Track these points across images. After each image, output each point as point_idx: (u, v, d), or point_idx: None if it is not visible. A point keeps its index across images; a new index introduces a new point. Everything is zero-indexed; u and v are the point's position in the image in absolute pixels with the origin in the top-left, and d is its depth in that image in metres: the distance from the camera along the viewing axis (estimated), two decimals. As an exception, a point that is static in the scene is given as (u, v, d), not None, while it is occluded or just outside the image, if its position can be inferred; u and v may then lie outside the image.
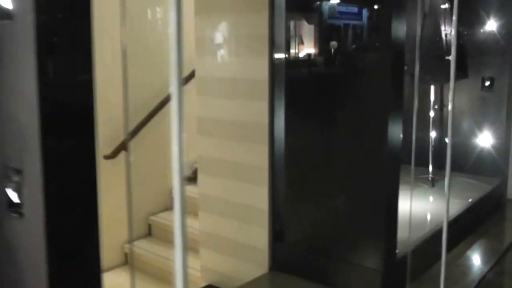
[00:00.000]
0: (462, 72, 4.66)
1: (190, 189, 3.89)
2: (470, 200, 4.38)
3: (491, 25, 4.70)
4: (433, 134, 4.70)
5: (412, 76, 4.36)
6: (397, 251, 3.16)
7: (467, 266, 3.86)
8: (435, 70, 4.39)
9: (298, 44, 3.27)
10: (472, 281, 3.55)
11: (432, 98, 4.62)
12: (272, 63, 3.17)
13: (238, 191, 3.44)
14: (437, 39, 4.35)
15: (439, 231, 3.73)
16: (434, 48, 4.37)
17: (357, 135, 3.03)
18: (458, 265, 3.80)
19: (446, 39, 4.41)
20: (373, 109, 2.95)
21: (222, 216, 3.57)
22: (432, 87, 4.61)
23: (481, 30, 4.71)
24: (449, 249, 4.12)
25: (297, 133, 3.23)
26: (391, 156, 2.94)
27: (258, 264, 3.40)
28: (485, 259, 4.05)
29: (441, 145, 4.92)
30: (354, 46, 3.33)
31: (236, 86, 3.32)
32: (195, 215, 3.72)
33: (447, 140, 3.87)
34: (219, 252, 3.63)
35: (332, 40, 3.24)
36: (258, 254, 3.39)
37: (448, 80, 4.55)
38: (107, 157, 4.04)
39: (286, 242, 3.35)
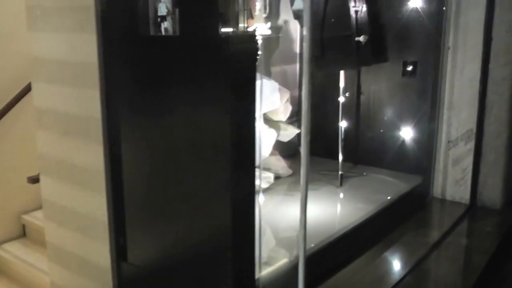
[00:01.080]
0: (380, 55, 4.08)
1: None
2: (388, 198, 3.84)
3: (415, 2, 4.09)
4: (343, 124, 4.12)
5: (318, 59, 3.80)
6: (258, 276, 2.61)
7: (381, 271, 3.33)
8: (343, 52, 3.79)
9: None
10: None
11: (341, 84, 4.02)
12: (105, 40, 2.54)
13: (78, 198, 2.85)
14: (344, 16, 3.74)
15: (328, 246, 3.21)
16: (341, 27, 3.77)
17: (198, 132, 2.44)
18: (371, 270, 3.28)
19: (356, 17, 3.81)
20: (214, 99, 2.35)
21: (65, 227, 2.98)
22: (342, 72, 4.01)
23: (403, 8, 4.10)
24: (362, 252, 3.62)
25: (136, 130, 2.63)
26: (240, 155, 2.35)
27: (103, 284, 2.83)
28: (402, 262, 3.52)
29: (358, 137, 4.35)
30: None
31: (64, 70, 2.71)
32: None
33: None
34: (66, 268, 3.06)
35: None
36: (102, 273, 2.81)
37: (361, 64, 3.99)
38: None
39: (131, 261, 2.77)
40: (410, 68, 4.16)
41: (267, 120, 3.98)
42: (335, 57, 3.83)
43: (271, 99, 3.76)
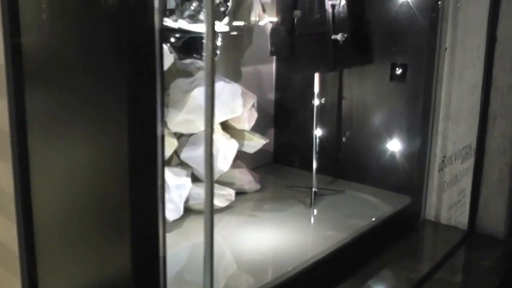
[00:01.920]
0: (363, 56, 3.51)
1: None
2: (373, 220, 3.29)
3: (406, -5, 3.51)
4: (319, 132, 3.57)
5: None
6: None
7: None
8: (317, 53, 3.24)
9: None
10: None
11: (316, 88, 3.47)
12: (14, 41, 2.06)
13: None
14: (318, 11, 3.19)
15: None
16: (314, 23, 3.21)
17: (95, 150, 1.94)
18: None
19: (333, 12, 3.25)
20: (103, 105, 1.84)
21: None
22: (317, 76, 3.45)
23: (392, 1, 3.52)
24: (335, 284, 3.09)
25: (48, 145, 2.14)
26: (140, 180, 1.84)
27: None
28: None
29: (339, 148, 3.80)
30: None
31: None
32: None
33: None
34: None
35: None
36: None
37: (338, 66, 3.42)
38: None
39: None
40: (399, 71, 3.58)
41: (230, 128, 3.45)
42: (308, 58, 3.28)
43: (231, 106, 3.23)
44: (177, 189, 3.10)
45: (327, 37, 3.23)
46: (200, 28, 2.92)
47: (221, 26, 3.06)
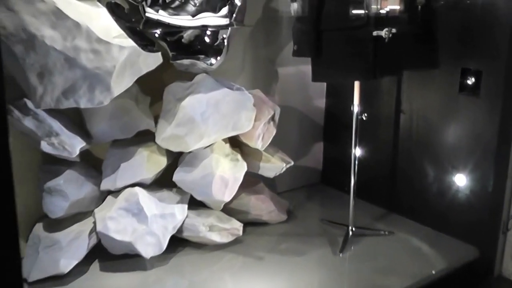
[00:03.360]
0: (426, 57, 2.69)
1: None
2: (429, 275, 2.51)
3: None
4: (359, 152, 2.79)
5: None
6: None
7: None
8: (351, 55, 2.47)
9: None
10: None
11: (356, 100, 2.68)
12: None
13: None
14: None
15: None
16: (347, 14, 2.44)
17: None
18: None
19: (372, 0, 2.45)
20: None
21: None
22: (357, 84, 2.67)
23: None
24: None
25: None
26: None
27: None
28: None
29: (394, 174, 3.00)
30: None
31: None
32: None
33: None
34: None
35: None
36: None
37: (382, 73, 2.59)
38: None
39: None
40: (471, 80, 2.69)
41: (245, 145, 2.78)
42: (338, 62, 2.52)
43: (235, 119, 2.57)
44: (161, 219, 2.51)
45: (366, 34, 2.44)
46: (182, 21, 2.28)
47: (214, 18, 2.38)
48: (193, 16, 2.31)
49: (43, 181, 2.40)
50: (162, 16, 2.26)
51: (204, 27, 2.38)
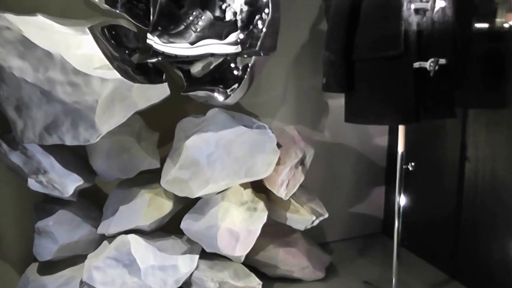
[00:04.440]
0: (491, 94, 2.16)
1: None
2: None
3: None
4: (403, 200, 2.30)
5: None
6: None
7: None
8: (387, 92, 2.01)
9: None
10: None
11: (400, 147, 2.19)
12: None
13: None
14: (389, 19, 1.95)
15: None
16: (380, 41, 1.98)
17: None
18: None
19: (420, 23, 1.96)
20: None
21: None
22: (402, 128, 2.17)
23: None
24: None
25: None
26: None
27: None
28: None
29: (458, 233, 2.48)
30: None
31: None
32: None
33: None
34: None
35: None
36: None
37: (425, 116, 2.06)
38: None
39: None
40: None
41: (270, 191, 2.40)
42: (372, 101, 2.05)
43: (249, 163, 2.20)
44: (159, 271, 2.21)
45: (405, 65, 1.96)
46: (179, 49, 1.95)
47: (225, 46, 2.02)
48: (193, 43, 1.99)
49: (35, 220, 2.21)
50: (157, 44, 1.97)
51: (212, 55, 2.05)
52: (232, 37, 2.02)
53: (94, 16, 2.19)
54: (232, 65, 2.28)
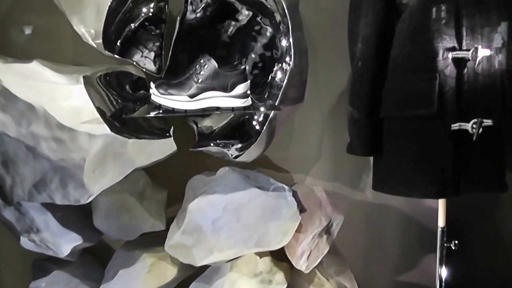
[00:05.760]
0: None
1: None
2: None
3: None
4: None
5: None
6: None
7: None
8: (419, 158, 1.69)
9: None
10: None
11: (441, 223, 1.82)
12: None
13: None
14: (418, 73, 1.62)
15: None
16: (410, 98, 1.66)
17: None
18: None
19: (461, 75, 1.62)
20: None
21: None
22: (442, 203, 1.81)
23: None
24: None
25: None
26: None
27: None
28: None
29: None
30: None
31: None
32: None
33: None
34: None
35: None
36: None
37: (469, 188, 1.69)
38: None
39: None
40: None
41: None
42: (403, 167, 1.71)
43: (260, 232, 1.93)
44: None
45: (441, 127, 1.62)
46: (177, 103, 1.72)
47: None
48: (194, 96, 1.76)
49: (31, 279, 2.05)
50: (155, 95, 1.76)
51: (217, 109, 1.81)
52: (239, 89, 1.77)
53: (106, 61, 2.04)
54: (253, 117, 2.03)
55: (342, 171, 2.43)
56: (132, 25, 1.90)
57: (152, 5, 1.94)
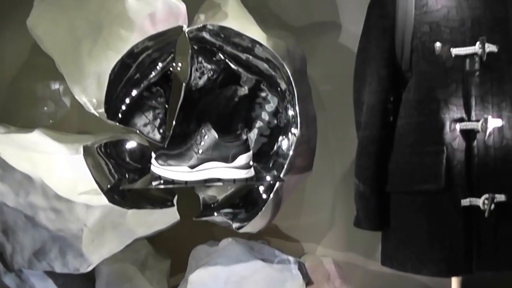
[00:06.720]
0: None
1: None
2: None
3: None
4: None
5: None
6: None
7: None
8: (429, 236, 1.60)
9: None
10: None
11: (454, 302, 1.71)
12: None
13: None
14: (428, 140, 1.56)
15: None
16: (414, 173, 1.58)
17: None
18: None
19: (473, 147, 1.55)
20: None
21: None
22: (455, 280, 1.70)
23: None
24: None
25: None
26: None
27: None
28: None
29: None
30: None
31: None
32: None
33: None
34: None
35: None
36: None
37: (483, 266, 1.58)
38: None
39: None
40: None
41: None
42: (411, 244, 1.62)
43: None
44: None
45: (450, 203, 1.53)
46: (177, 174, 1.69)
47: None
48: (194, 166, 1.72)
49: None
50: (155, 166, 1.73)
51: (219, 180, 1.77)
52: (241, 159, 1.73)
53: (111, 129, 2.03)
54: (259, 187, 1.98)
55: (355, 241, 2.33)
56: (136, 91, 1.89)
57: (158, 69, 1.93)
